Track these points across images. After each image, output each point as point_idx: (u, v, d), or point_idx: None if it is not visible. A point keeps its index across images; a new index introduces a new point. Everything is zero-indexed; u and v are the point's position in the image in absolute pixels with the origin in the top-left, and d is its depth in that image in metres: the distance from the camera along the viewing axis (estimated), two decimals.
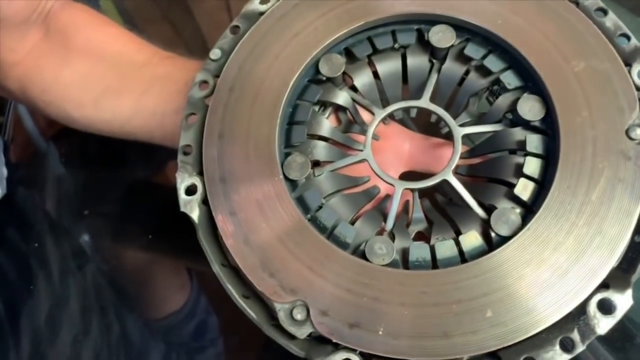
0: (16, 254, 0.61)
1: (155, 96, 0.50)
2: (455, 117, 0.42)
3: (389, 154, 0.45)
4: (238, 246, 0.38)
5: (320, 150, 0.43)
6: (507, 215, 0.36)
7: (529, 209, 0.37)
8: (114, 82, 0.52)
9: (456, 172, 0.42)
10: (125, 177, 0.66)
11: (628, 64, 0.38)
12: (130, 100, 0.51)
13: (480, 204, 0.39)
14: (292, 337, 0.35)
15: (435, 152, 0.45)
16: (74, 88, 0.53)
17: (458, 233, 0.38)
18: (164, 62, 0.52)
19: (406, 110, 0.44)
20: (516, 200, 0.37)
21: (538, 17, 0.40)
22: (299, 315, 0.35)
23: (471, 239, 0.37)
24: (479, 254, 0.36)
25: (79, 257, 0.61)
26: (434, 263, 0.37)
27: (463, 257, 0.36)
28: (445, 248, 0.37)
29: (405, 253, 0.37)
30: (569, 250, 0.34)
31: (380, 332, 0.34)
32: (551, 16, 0.40)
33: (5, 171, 0.64)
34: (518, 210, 0.37)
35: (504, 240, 0.36)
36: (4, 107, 0.71)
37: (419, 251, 0.37)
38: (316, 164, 0.43)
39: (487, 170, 0.41)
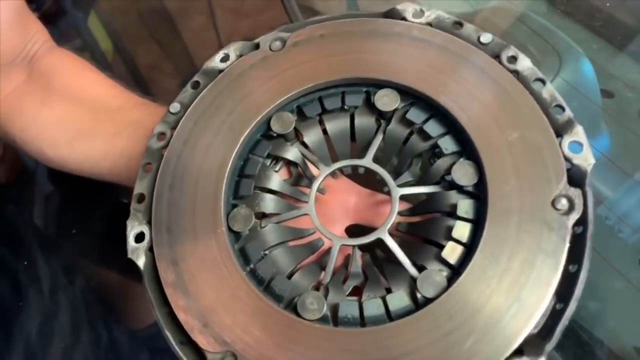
0: (6, 270, 0.63)
1: (125, 139, 0.52)
2: (398, 176, 0.44)
3: (335, 207, 0.47)
4: (177, 295, 0.39)
5: (268, 202, 0.45)
6: (433, 277, 0.37)
7: (456, 272, 0.38)
8: (88, 125, 0.55)
9: (396, 229, 0.43)
10: (111, 196, 0.68)
11: (559, 135, 0.39)
12: (102, 143, 0.53)
13: (414, 264, 0.40)
14: None
15: (378, 209, 0.47)
16: (50, 128, 0.55)
17: (389, 291, 0.39)
18: (137, 108, 0.55)
19: (354, 167, 0.45)
20: (444, 262, 0.39)
21: (478, 86, 0.42)
22: None
23: (397, 298, 0.38)
24: (406, 313, 0.37)
25: (68, 273, 0.64)
26: (362, 320, 0.38)
27: (389, 316, 0.38)
28: (372, 306, 0.38)
29: (335, 309, 0.39)
30: (486, 317, 0.35)
31: None
32: (491, 86, 0.42)
33: None
34: (445, 272, 0.38)
35: (428, 301, 0.37)
36: None
37: (348, 308, 0.38)
38: (263, 215, 0.45)
39: (423, 230, 0.42)
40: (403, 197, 0.42)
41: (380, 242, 0.41)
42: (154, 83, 0.63)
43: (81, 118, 0.55)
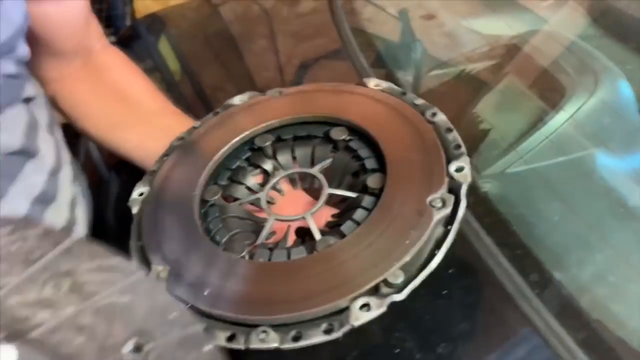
0: None
1: (155, 141, 0.66)
2: (336, 186, 0.58)
3: (288, 207, 0.60)
4: (150, 233, 0.54)
5: (240, 190, 0.60)
6: (327, 240, 0.49)
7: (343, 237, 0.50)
8: (126, 120, 0.72)
9: (325, 226, 0.56)
10: None
11: (450, 161, 0.52)
12: (135, 139, 0.71)
13: None
14: None
15: (321, 212, 0.59)
16: (95, 114, 0.73)
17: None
18: (171, 116, 0.72)
19: (303, 176, 0.60)
20: (339, 232, 0.50)
21: (402, 128, 0.56)
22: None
23: (298, 250, 0.50)
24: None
25: None
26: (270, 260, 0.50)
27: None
28: (280, 253, 0.50)
29: (252, 253, 0.51)
30: (351, 264, 0.46)
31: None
32: (410, 129, 0.56)
33: None
34: (336, 238, 0.50)
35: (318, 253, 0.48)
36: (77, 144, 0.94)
37: (262, 252, 0.51)
38: (235, 199, 0.59)
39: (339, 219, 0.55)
40: (332, 197, 0.55)
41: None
42: (217, 102, 0.73)
43: (122, 112, 0.72)
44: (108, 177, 0.90)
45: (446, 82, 0.82)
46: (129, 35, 1.17)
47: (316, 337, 0.43)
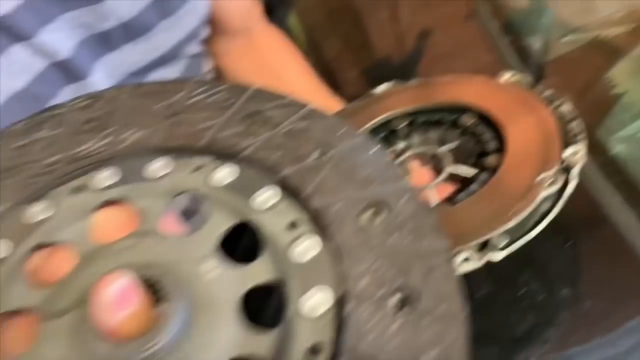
0: None
1: None
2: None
3: (414, 183, 0.68)
4: None
5: None
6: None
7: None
8: None
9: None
10: None
11: (567, 145, 0.56)
12: None
13: None
14: None
15: (442, 188, 0.66)
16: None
17: None
18: (321, 97, 0.81)
19: (430, 156, 0.68)
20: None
21: (525, 115, 0.62)
22: None
23: None
24: None
25: None
26: None
27: None
28: None
29: None
30: (472, 222, 0.53)
31: None
32: (533, 116, 0.61)
33: None
34: None
35: None
36: None
37: None
38: None
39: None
40: (454, 176, 0.63)
41: None
42: (339, 72, 0.83)
43: (276, 89, 0.85)
44: None
45: (579, 49, 0.84)
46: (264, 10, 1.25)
47: None
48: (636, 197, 0.63)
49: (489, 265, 0.50)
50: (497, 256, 0.51)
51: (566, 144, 0.57)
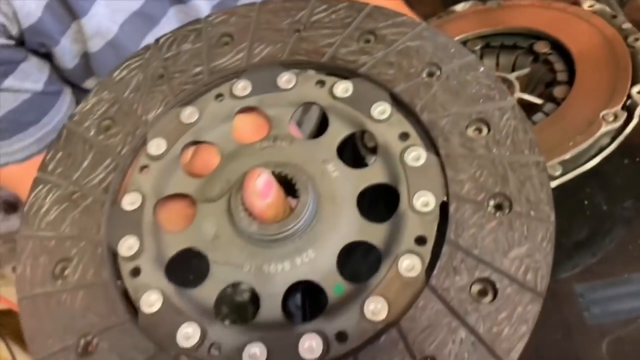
0: None
1: None
2: (529, 93, 0.69)
3: None
4: None
5: None
6: None
7: None
8: None
9: None
10: None
11: (635, 84, 0.60)
12: None
13: None
14: None
15: None
16: None
17: None
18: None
19: (501, 80, 0.72)
20: None
21: (600, 47, 0.64)
22: None
23: None
24: None
25: None
26: None
27: None
28: None
29: None
30: None
31: None
32: (608, 49, 0.64)
33: None
34: None
35: None
36: None
37: None
38: None
39: None
40: (521, 101, 0.67)
41: None
42: None
43: None
44: None
45: None
46: None
47: None
48: None
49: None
50: (552, 184, 0.56)
51: (635, 79, 0.60)
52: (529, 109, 0.65)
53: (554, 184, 0.56)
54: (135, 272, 0.39)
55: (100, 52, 0.60)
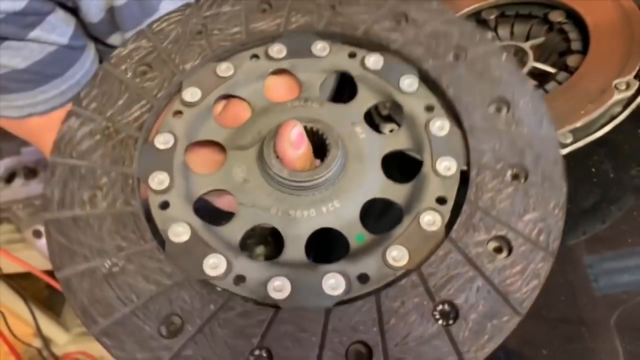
0: None
1: None
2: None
3: None
4: None
5: None
6: None
7: None
8: None
9: None
10: None
11: None
12: None
13: None
14: None
15: None
16: None
17: None
18: None
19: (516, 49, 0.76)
20: None
21: (616, 18, 0.66)
22: None
23: None
24: None
25: None
26: None
27: None
28: None
29: None
30: None
31: None
32: (624, 19, 0.64)
33: None
34: None
35: None
36: None
37: None
38: None
39: None
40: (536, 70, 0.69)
41: None
42: None
43: None
44: None
45: None
46: None
47: None
48: None
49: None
50: (562, 152, 0.59)
51: None
52: (542, 78, 0.67)
53: (564, 151, 0.57)
54: (164, 205, 0.41)
55: (125, 6, 0.61)
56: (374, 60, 0.46)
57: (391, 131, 0.65)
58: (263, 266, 0.38)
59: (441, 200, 0.40)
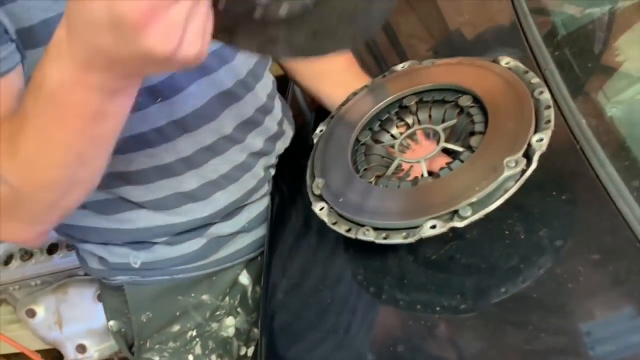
0: None
1: (339, 92, 0.95)
2: (454, 142, 0.80)
3: (418, 155, 0.84)
4: None
5: (385, 136, 0.86)
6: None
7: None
8: (323, 73, 1.03)
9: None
10: None
11: (536, 131, 0.70)
12: (327, 88, 1.03)
13: None
14: None
15: (437, 160, 0.82)
16: (301, 67, 1.06)
17: None
18: (353, 75, 1.00)
19: (431, 131, 0.83)
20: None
21: (510, 100, 0.75)
22: None
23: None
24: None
25: None
26: None
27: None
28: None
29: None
30: (446, 194, 0.70)
31: None
32: (517, 102, 0.74)
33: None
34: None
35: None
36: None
37: None
38: (379, 142, 0.86)
39: None
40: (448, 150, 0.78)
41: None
42: (410, 48, 0.96)
43: (320, 68, 1.04)
44: (310, 118, 1.22)
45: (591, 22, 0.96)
46: None
47: (396, 239, 0.69)
48: (620, 153, 0.75)
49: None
50: (461, 224, 0.67)
51: (537, 128, 0.70)
52: (453, 157, 0.77)
53: (463, 223, 0.66)
54: None
55: None
56: None
57: None
58: None
59: None
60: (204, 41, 0.52)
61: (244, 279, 1.12)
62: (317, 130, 0.91)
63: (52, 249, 1.64)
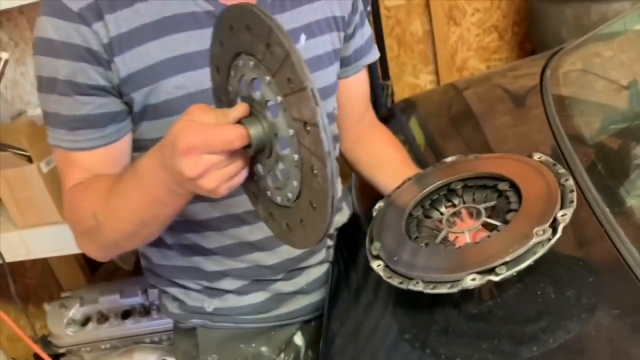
0: None
1: (396, 181, 1.14)
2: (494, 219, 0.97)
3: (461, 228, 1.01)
4: None
5: (434, 213, 1.04)
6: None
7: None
8: (383, 168, 1.25)
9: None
10: None
11: (562, 208, 0.87)
12: (386, 179, 1.21)
13: None
14: None
15: (478, 232, 0.98)
16: (365, 159, 1.30)
17: None
18: (408, 168, 1.19)
19: (474, 210, 1.01)
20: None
21: (540, 186, 0.93)
22: None
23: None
24: None
25: None
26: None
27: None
28: None
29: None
30: (486, 254, 0.86)
31: None
32: (546, 187, 0.92)
33: None
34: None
35: None
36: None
37: None
38: (430, 217, 1.04)
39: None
40: (488, 225, 0.95)
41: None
42: None
43: (381, 163, 1.25)
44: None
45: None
46: (387, 115, 1.70)
47: (442, 290, 0.85)
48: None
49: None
50: (496, 278, 0.82)
51: (562, 207, 0.88)
52: (490, 229, 0.93)
53: (498, 278, 0.81)
54: None
55: None
56: None
57: None
58: None
59: None
60: (225, 185, 0.76)
61: (299, 340, 1.27)
62: (376, 206, 1.09)
63: (125, 315, 1.82)
